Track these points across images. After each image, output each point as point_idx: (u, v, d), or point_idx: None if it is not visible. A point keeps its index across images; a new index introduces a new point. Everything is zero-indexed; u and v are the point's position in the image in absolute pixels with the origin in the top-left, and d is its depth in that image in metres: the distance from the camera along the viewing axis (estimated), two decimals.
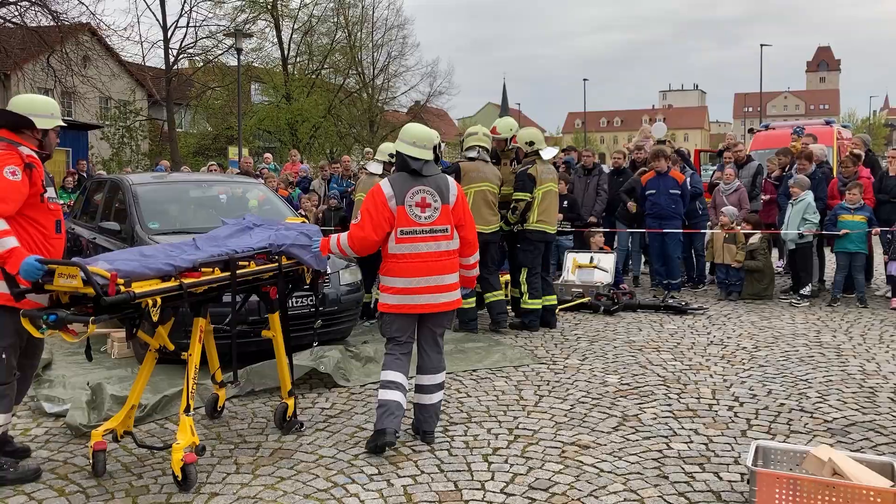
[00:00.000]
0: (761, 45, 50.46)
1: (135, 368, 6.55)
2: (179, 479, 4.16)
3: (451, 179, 5.04)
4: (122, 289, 3.85)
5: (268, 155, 16.07)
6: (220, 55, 31.22)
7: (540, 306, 8.21)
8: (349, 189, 12.71)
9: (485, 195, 7.85)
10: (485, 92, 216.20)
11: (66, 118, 4.98)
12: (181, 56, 30.04)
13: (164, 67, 30.76)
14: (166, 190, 7.92)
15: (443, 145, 7.90)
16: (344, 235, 4.91)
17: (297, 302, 6.54)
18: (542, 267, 8.36)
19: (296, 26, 36.69)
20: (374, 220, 4.75)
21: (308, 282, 5.28)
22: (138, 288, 3.95)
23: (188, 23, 29.47)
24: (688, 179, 10.43)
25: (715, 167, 13.33)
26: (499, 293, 8.15)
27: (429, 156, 4.93)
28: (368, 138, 39.45)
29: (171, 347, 4.55)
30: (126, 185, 7.49)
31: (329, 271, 6.26)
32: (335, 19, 37.92)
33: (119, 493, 4.17)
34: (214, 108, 34.24)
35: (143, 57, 29.27)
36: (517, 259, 8.28)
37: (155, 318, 4.04)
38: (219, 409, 5.40)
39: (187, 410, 4.31)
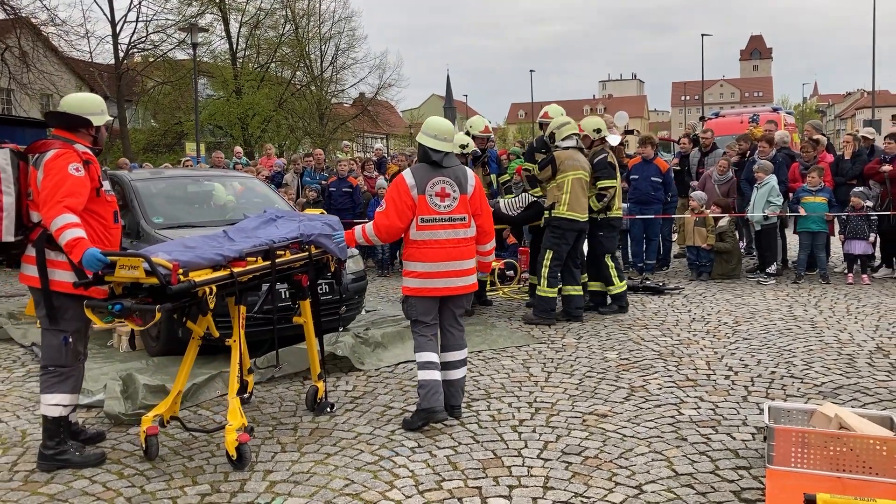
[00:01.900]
0: (702, 35, 51.83)
1: (149, 360, 6.71)
2: (234, 458, 4.37)
3: (469, 171, 5.31)
4: (182, 278, 4.06)
5: (238, 149, 16.05)
6: (170, 50, 30.81)
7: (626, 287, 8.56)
8: (322, 182, 12.91)
9: (581, 183, 8.00)
10: (428, 83, 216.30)
11: (18, 116, 5.20)
12: (132, 51, 29.53)
13: (109, 63, 30.27)
14: (164, 185, 8.00)
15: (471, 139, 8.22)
16: (370, 225, 5.21)
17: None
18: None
19: (244, 20, 36.36)
20: (398, 207, 5.04)
21: (332, 270, 5.53)
22: (196, 277, 4.16)
23: (137, 17, 29.00)
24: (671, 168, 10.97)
25: (674, 155, 13.87)
26: (578, 288, 8.26)
27: (449, 148, 5.20)
28: (319, 131, 39.37)
29: (216, 334, 4.74)
30: (125, 181, 7.57)
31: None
32: (283, 12, 37.67)
33: (177, 474, 4.37)
34: (163, 103, 33.76)
35: (91, 53, 28.66)
36: (603, 247, 8.43)
37: (212, 306, 4.25)
38: (247, 395, 5.59)
39: (238, 393, 4.54)
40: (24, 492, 4.17)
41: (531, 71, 71.23)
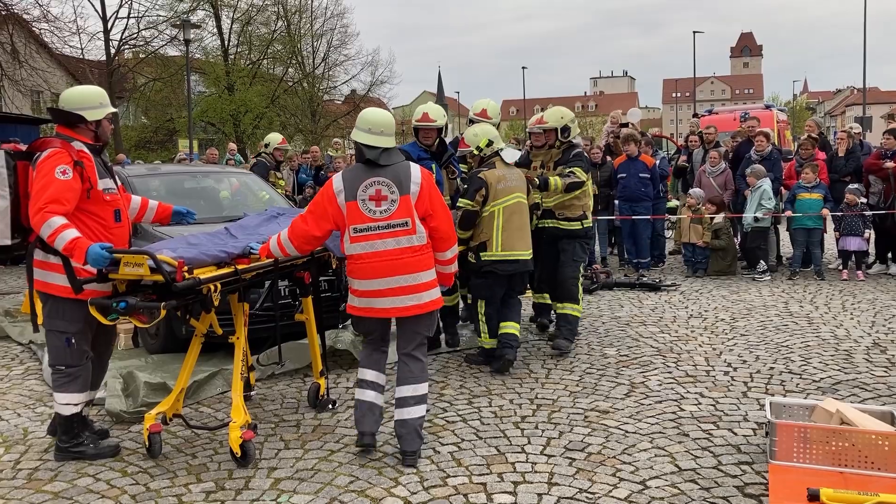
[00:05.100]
0: (694, 32, 51.94)
1: (148, 358, 6.69)
2: (238, 455, 4.37)
3: (414, 168, 4.53)
4: (187, 275, 4.05)
5: (232, 145, 16.03)
6: (162, 46, 30.71)
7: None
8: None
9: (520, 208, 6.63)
10: (418, 80, 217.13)
11: (10, 113, 5.15)
12: (123, 47, 29.42)
13: (101, 59, 30.13)
14: (161, 181, 7.96)
15: (450, 125, 7.82)
16: (285, 231, 4.54)
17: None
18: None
19: (235, 16, 36.28)
20: (316, 214, 4.46)
21: (333, 267, 5.53)
22: (200, 274, 4.16)
23: (129, 13, 28.88)
24: (657, 163, 10.97)
25: (682, 153, 13.89)
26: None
27: (388, 143, 4.49)
28: (311, 128, 39.37)
29: (220, 332, 4.74)
30: (122, 176, 7.52)
31: None
32: (275, 8, 37.61)
33: (181, 472, 4.36)
34: (155, 100, 33.67)
35: (83, 49, 28.52)
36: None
37: (216, 303, 4.24)
38: (249, 393, 5.58)
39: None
40: (28, 490, 4.17)
41: (523, 68, 71.35)
